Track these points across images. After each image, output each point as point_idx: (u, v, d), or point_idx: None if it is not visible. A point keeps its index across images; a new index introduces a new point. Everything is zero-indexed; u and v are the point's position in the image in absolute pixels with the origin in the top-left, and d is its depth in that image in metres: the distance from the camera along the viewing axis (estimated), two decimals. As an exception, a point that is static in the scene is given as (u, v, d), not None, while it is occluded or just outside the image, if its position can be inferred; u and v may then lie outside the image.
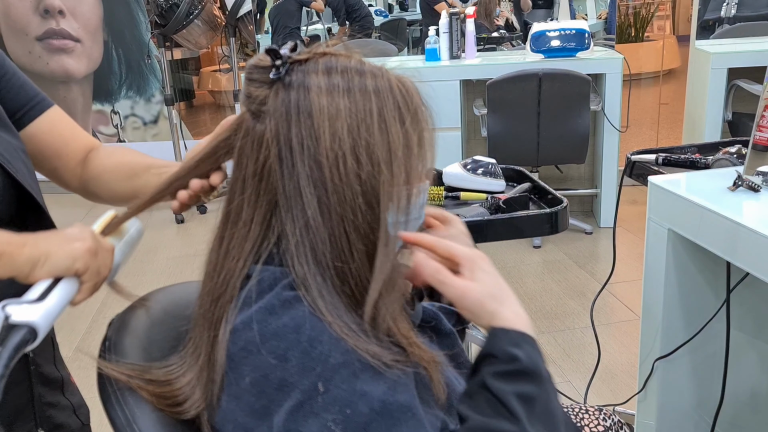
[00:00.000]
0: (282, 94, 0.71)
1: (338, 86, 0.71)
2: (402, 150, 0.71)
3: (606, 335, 2.53)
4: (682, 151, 1.64)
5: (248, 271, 0.72)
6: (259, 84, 0.73)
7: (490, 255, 3.21)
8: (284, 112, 0.71)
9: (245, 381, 0.67)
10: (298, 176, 0.70)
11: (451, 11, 3.64)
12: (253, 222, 0.73)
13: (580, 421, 1.13)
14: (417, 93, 0.75)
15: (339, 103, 0.70)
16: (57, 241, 0.74)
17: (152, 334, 0.85)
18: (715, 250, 1.20)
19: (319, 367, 0.64)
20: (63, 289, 0.73)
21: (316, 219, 0.69)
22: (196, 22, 4.01)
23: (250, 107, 0.73)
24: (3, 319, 0.67)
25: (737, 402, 1.50)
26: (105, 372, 0.76)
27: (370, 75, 0.72)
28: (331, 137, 0.69)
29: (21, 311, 0.68)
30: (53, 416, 0.95)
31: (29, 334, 0.67)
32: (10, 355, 0.64)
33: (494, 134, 3.31)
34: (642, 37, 5.28)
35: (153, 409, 0.74)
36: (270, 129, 0.71)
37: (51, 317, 0.70)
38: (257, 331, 0.67)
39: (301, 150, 0.70)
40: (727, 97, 3.33)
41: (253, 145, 0.73)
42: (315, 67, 0.72)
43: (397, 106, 0.72)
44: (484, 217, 1.43)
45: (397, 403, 0.65)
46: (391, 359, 0.67)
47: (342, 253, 0.70)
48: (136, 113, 4.81)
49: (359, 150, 0.69)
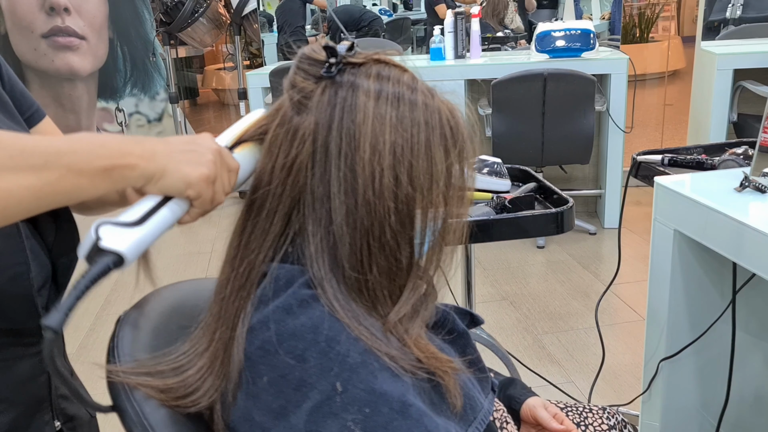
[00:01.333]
0: (329, 92, 0.70)
1: (387, 99, 0.69)
2: (443, 180, 0.70)
3: (610, 336, 2.53)
4: (688, 152, 1.64)
5: (264, 269, 0.72)
6: (306, 75, 0.71)
7: (495, 255, 3.19)
8: (327, 112, 0.69)
9: (263, 380, 0.66)
10: (330, 180, 0.69)
11: (456, 11, 3.63)
12: (276, 215, 0.72)
13: (584, 420, 1.13)
14: (465, 127, 0.74)
15: (385, 117, 0.69)
16: (176, 158, 0.69)
17: (159, 332, 0.85)
18: (721, 251, 1.19)
19: (336, 367, 0.64)
20: (167, 213, 0.69)
21: (341, 228, 0.68)
22: (201, 20, 4.02)
23: (293, 97, 0.72)
24: (94, 240, 0.63)
25: (742, 403, 1.50)
26: (112, 379, 0.75)
27: (421, 95, 0.71)
28: (371, 150, 0.68)
29: (114, 235, 0.64)
30: (66, 408, 0.96)
31: (114, 264, 0.63)
32: (87, 284, 0.61)
33: (499, 134, 3.31)
34: (647, 37, 5.27)
35: (159, 405, 0.74)
36: (309, 125, 0.70)
37: (144, 246, 0.67)
38: (274, 330, 0.66)
39: (338, 155, 0.69)
40: (732, 99, 3.32)
41: (287, 136, 0.71)
42: (368, 73, 0.71)
43: (444, 136, 0.71)
44: (490, 216, 1.43)
45: (415, 405, 0.65)
46: (408, 364, 0.67)
47: (361, 264, 0.69)
48: (140, 111, 4.82)
49: (400, 170, 0.68)
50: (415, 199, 0.69)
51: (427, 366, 0.69)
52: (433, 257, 0.75)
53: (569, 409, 1.15)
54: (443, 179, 0.70)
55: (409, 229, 0.70)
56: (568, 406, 1.15)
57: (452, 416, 0.73)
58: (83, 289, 0.61)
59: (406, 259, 0.71)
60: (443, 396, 0.72)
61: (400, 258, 0.70)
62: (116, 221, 0.65)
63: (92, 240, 0.63)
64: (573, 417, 1.13)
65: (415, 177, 0.69)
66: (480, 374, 0.84)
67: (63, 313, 0.59)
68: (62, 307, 0.59)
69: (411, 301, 0.71)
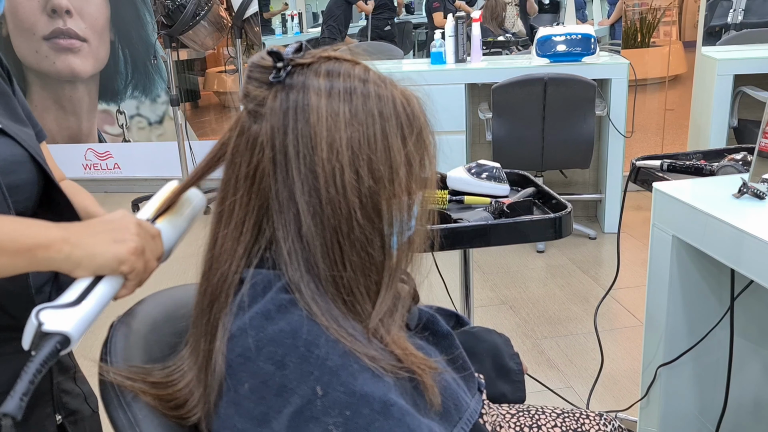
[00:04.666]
0: (281, 96, 0.70)
1: (339, 95, 0.69)
2: (404, 168, 0.70)
3: (609, 341, 2.52)
4: (687, 158, 1.64)
5: (242, 275, 0.72)
6: (258, 83, 0.71)
7: (494, 260, 3.18)
8: (281, 117, 0.69)
9: (244, 387, 0.66)
10: (292, 184, 0.69)
11: (457, 15, 3.63)
12: (245, 225, 0.72)
13: (581, 426, 1.13)
14: (421, 111, 0.73)
15: (338, 113, 0.68)
16: (101, 239, 0.72)
17: (153, 337, 0.85)
18: (720, 257, 1.19)
19: (316, 371, 0.64)
20: (104, 290, 0.71)
21: (310, 229, 0.68)
22: (203, 23, 4.02)
23: (248, 106, 0.72)
24: (36, 326, 0.65)
25: (740, 410, 1.49)
26: (107, 377, 0.76)
27: (373, 85, 0.71)
28: (328, 148, 0.68)
29: (55, 318, 0.65)
30: (68, 403, 0.97)
31: (61, 344, 0.65)
32: (38, 368, 0.63)
33: (499, 138, 3.31)
34: (648, 42, 5.26)
35: (157, 415, 0.74)
36: (266, 131, 0.70)
37: (87, 323, 0.68)
38: (254, 337, 0.66)
39: (296, 157, 0.69)
40: (732, 104, 3.31)
41: (247, 145, 0.71)
42: (317, 72, 0.71)
43: (400, 125, 0.71)
44: (488, 221, 1.43)
45: (397, 404, 0.65)
46: (389, 365, 0.66)
47: (334, 263, 0.69)
48: (141, 113, 4.82)
49: (360, 164, 0.68)
50: (379, 191, 0.69)
51: (405, 364, 0.69)
52: (405, 248, 0.75)
53: (566, 415, 1.14)
54: (404, 168, 0.70)
55: (378, 222, 0.70)
56: (565, 412, 1.15)
57: (435, 416, 0.73)
58: (34, 373, 0.62)
59: (378, 253, 0.70)
60: (422, 394, 0.71)
61: (372, 252, 0.70)
62: (55, 305, 0.67)
63: (34, 326, 0.65)
64: (570, 423, 1.12)
65: (375, 170, 0.69)
66: (464, 373, 0.84)
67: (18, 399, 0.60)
68: (16, 393, 0.60)
69: (389, 297, 0.71)
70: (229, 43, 4.56)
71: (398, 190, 0.70)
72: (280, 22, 6.45)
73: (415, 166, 0.72)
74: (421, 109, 0.73)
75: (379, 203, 0.69)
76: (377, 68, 0.74)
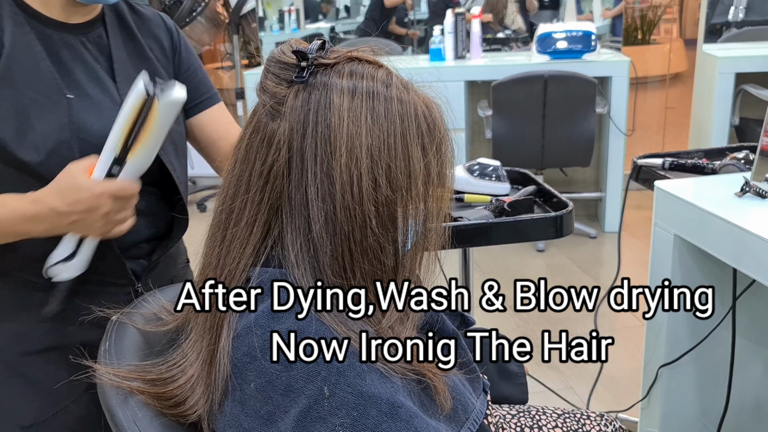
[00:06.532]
0: (302, 96, 0.68)
1: (361, 99, 0.67)
2: (422, 178, 0.69)
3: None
4: (689, 156, 1.63)
5: (248, 274, 0.71)
6: (277, 80, 0.70)
7: (494, 259, 3.17)
8: (301, 118, 0.68)
9: (250, 387, 0.66)
10: (307, 187, 0.67)
11: (456, 11, 3.62)
12: (256, 224, 0.71)
13: (582, 427, 1.12)
14: (442, 120, 0.72)
15: (360, 117, 0.67)
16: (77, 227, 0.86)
17: (151, 336, 0.85)
18: (722, 256, 1.18)
19: (324, 371, 0.63)
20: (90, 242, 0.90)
21: (321, 234, 0.67)
22: (199, 20, 4.00)
23: (266, 103, 0.70)
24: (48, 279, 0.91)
25: (742, 410, 1.48)
26: (104, 380, 0.75)
27: (396, 90, 0.69)
28: (348, 153, 0.66)
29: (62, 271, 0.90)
30: None
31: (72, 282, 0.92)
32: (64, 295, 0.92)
33: (499, 136, 3.29)
34: (649, 40, 5.25)
35: (156, 413, 0.73)
36: (283, 131, 0.68)
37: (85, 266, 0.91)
38: (260, 336, 0.65)
39: (314, 161, 0.67)
40: (734, 102, 3.30)
41: (263, 143, 0.70)
42: (341, 72, 0.69)
43: (421, 133, 0.69)
44: (489, 220, 1.42)
45: (405, 406, 0.64)
46: (398, 366, 0.66)
47: (344, 270, 0.68)
48: (139, 110, 4.81)
49: (378, 172, 0.67)
50: (396, 200, 0.68)
51: (415, 366, 0.68)
52: (417, 256, 0.74)
53: (567, 415, 1.14)
54: (422, 177, 0.69)
55: (392, 231, 0.69)
56: (565, 413, 1.14)
57: (442, 418, 0.72)
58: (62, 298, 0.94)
59: (391, 261, 0.70)
60: (433, 398, 0.71)
61: (385, 260, 0.69)
62: (55, 261, 0.90)
63: None
64: (571, 424, 1.11)
65: (394, 178, 0.67)
66: (471, 375, 0.84)
67: None
68: None
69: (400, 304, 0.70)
70: (226, 39, 4.55)
71: (415, 199, 0.69)
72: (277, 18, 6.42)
73: (434, 176, 0.71)
74: (441, 118, 0.72)
75: (395, 212, 0.68)
76: (398, 71, 0.73)
